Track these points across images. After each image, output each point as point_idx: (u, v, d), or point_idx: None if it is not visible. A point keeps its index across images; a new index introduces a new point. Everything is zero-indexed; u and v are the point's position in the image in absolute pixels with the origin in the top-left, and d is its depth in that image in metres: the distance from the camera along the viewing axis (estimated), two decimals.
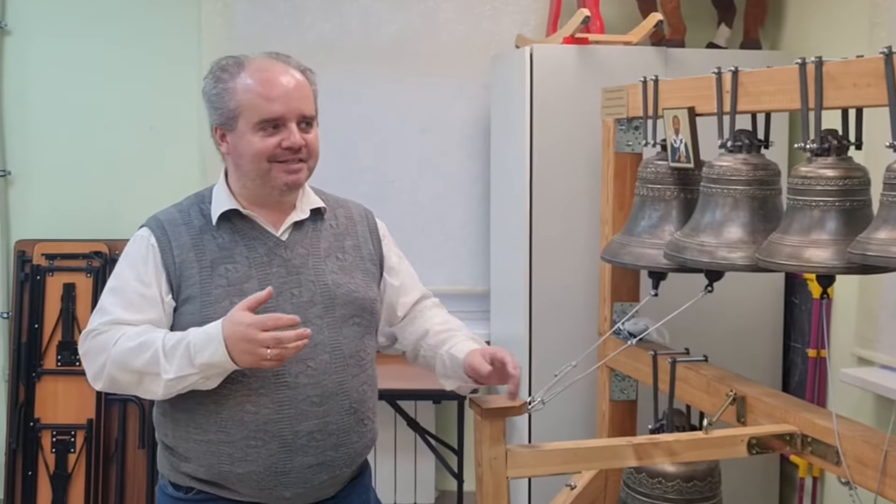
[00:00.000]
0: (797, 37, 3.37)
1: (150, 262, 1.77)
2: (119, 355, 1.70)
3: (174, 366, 1.67)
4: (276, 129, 1.75)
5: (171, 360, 1.67)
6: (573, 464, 1.87)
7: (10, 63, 3.61)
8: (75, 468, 3.48)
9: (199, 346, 1.66)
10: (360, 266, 1.88)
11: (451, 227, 3.71)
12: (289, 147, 1.75)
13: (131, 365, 1.69)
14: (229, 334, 1.64)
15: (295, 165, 1.77)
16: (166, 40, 3.62)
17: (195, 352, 1.66)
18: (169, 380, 1.67)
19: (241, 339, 1.63)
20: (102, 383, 1.75)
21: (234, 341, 1.63)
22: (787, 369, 3.31)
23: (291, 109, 1.75)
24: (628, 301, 2.71)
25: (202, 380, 1.68)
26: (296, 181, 1.78)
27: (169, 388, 1.69)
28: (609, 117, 2.70)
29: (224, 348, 1.64)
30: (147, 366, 1.68)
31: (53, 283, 3.53)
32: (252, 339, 1.62)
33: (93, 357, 1.75)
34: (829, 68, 1.81)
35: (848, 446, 1.79)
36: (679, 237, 2.19)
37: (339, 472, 1.82)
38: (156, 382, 1.69)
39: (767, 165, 2.11)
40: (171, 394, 1.71)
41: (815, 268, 1.81)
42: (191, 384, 1.69)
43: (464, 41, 3.64)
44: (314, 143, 1.80)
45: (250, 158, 1.76)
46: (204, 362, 1.66)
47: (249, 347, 1.62)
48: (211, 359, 1.65)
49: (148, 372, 1.69)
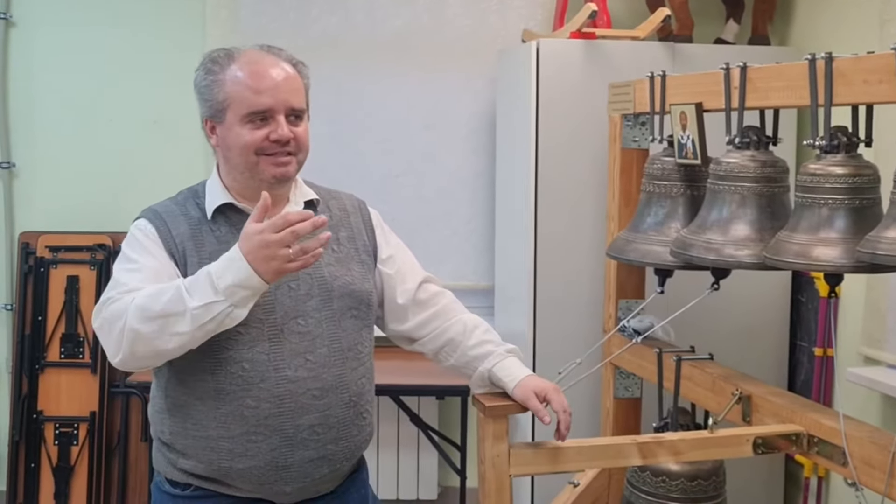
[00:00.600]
0: (806, 33, 3.34)
1: (157, 247, 1.74)
2: (138, 306, 1.61)
3: (197, 295, 1.59)
4: (265, 121, 1.73)
5: (193, 292, 1.59)
6: (577, 462, 1.86)
7: (15, 55, 3.60)
8: (78, 460, 3.48)
9: (220, 272, 1.59)
10: (356, 257, 1.86)
11: (455, 222, 3.69)
12: (277, 140, 1.72)
13: (152, 310, 1.60)
14: (247, 248, 1.58)
15: (283, 158, 1.74)
16: (171, 33, 3.61)
17: (217, 277, 1.58)
18: (195, 308, 1.58)
19: (259, 246, 1.56)
20: (123, 352, 1.64)
21: (254, 252, 1.56)
22: (792, 368, 3.30)
23: (280, 102, 1.73)
24: (633, 298, 2.69)
25: (229, 308, 1.59)
26: (284, 174, 1.75)
27: (196, 320, 1.59)
28: (616, 113, 2.68)
29: (246, 264, 1.57)
30: (169, 305, 1.59)
31: (57, 275, 3.52)
32: (269, 241, 1.56)
33: (111, 324, 1.65)
34: (839, 64, 1.79)
35: (855, 447, 1.78)
36: (685, 234, 2.18)
37: (340, 465, 1.80)
38: (181, 321, 1.59)
39: (775, 162, 2.10)
40: (199, 331, 1.60)
41: (824, 266, 1.79)
42: (217, 314, 1.59)
43: (470, 35, 3.62)
44: (303, 137, 1.77)
45: (238, 151, 1.75)
46: (228, 284, 1.58)
47: (269, 252, 1.56)
48: (235, 279, 1.58)
49: (171, 312, 1.59)
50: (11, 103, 3.61)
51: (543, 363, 3.00)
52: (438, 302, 1.94)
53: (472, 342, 1.88)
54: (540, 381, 1.81)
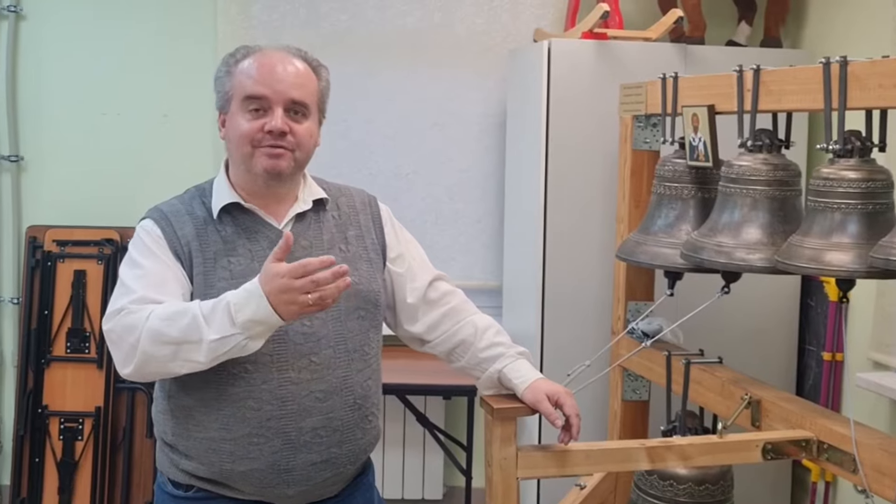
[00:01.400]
0: (818, 36, 3.32)
1: (162, 249, 1.73)
2: (153, 329, 1.61)
3: (215, 327, 1.59)
4: (262, 112, 1.71)
5: (211, 322, 1.59)
6: (585, 466, 1.85)
7: (25, 48, 3.60)
8: (82, 456, 3.48)
9: (239, 305, 1.58)
10: (364, 256, 1.84)
11: (464, 222, 3.68)
12: (270, 130, 1.70)
13: (168, 335, 1.61)
14: (269, 289, 1.57)
15: (277, 150, 1.71)
16: (182, 28, 3.61)
17: (236, 310, 1.58)
18: (212, 341, 1.59)
19: (280, 290, 1.56)
20: (133, 366, 1.64)
21: (275, 295, 1.57)
22: (801, 372, 3.28)
23: (278, 92, 1.71)
24: (642, 300, 2.68)
25: (245, 340, 1.60)
26: (274, 167, 1.72)
27: (212, 352, 1.60)
28: (627, 114, 2.66)
29: (267, 303, 1.57)
30: (186, 333, 1.60)
31: (64, 269, 3.52)
32: (289, 287, 1.56)
33: (122, 337, 1.65)
34: (854, 68, 1.77)
35: (865, 454, 1.76)
36: (696, 237, 2.16)
37: (343, 469, 1.78)
38: (196, 349, 1.60)
39: (788, 166, 2.08)
40: (213, 361, 1.62)
41: (836, 271, 1.77)
42: (233, 347, 1.60)
43: (481, 34, 3.60)
44: (302, 134, 1.74)
45: (236, 141, 1.74)
46: (246, 319, 1.58)
47: (289, 297, 1.56)
48: (254, 315, 1.58)
49: (187, 340, 1.60)
50: (20, 96, 3.61)
51: (551, 364, 2.99)
52: (449, 302, 1.91)
53: (482, 344, 1.86)
54: (551, 385, 1.79)
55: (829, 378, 3.07)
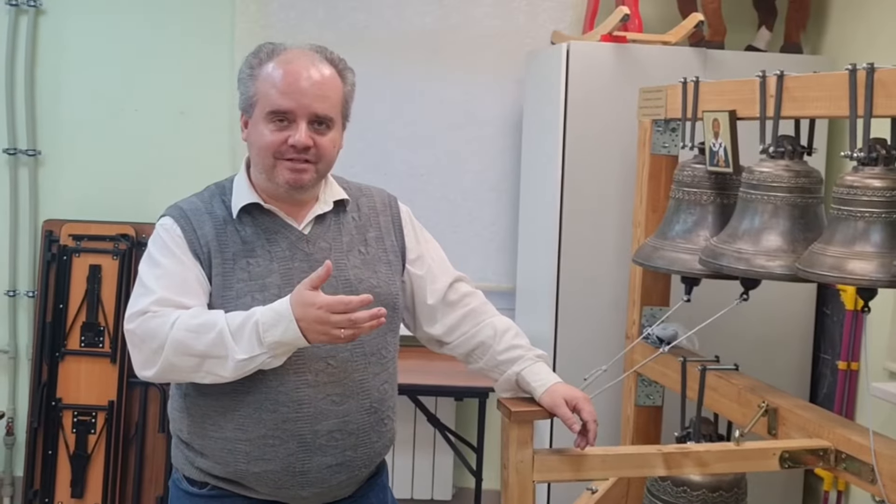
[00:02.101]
0: (838, 42, 3.31)
1: (181, 249, 1.73)
2: (178, 339, 1.62)
3: (243, 346, 1.60)
4: (286, 124, 1.70)
5: (239, 340, 1.60)
6: (601, 471, 1.84)
7: (44, 43, 3.61)
8: (95, 449, 3.49)
9: (267, 325, 1.59)
10: (383, 258, 1.84)
11: (478, 223, 3.68)
12: (293, 145, 1.69)
13: (193, 348, 1.62)
14: (301, 315, 1.58)
15: (300, 165, 1.71)
16: (200, 25, 3.61)
17: (264, 331, 1.59)
18: (240, 360, 1.61)
19: (315, 321, 1.58)
20: (154, 372, 1.66)
21: (308, 323, 1.58)
22: (815, 380, 3.26)
23: (302, 106, 1.69)
24: (658, 305, 2.67)
25: (269, 359, 1.62)
26: (297, 181, 1.72)
27: (237, 370, 1.62)
28: (646, 118, 2.65)
29: (296, 327, 1.58)
30: (211, 348, 1.61)
31: (80, 263, 3.53)
32: (325, 321, 1.57)
33: (144, 341, 1.66)
34: (880, 75, 1.76)
35: (885, 465, 1.75)
36: (715, 243, 2.15)
37: (358, 472, 1.78)
38: (221, 365, 1.62)
39: (810, 173, 2.07)
40: (239, 375, 1.64)
41: (859, 280, 1.76)
42: (258, 364, 1.62)
43: (499, 36, 3.60)
44: (326, 147, 1.73)
45: (258, 150, 1.73)
46: (275, 341, 1.60)
47: (323, 329, 1.58)
48: (283, 337, 1.59)
49: (212, 355, 1.61)
50: (39, 91, 3.62)
51: (564, 367, 2.98)
52: (469, 304, 1.91)
53: (501, 346, 1.86)
54: (570, 389, 1.78)
55: (844, 387, 3.05)
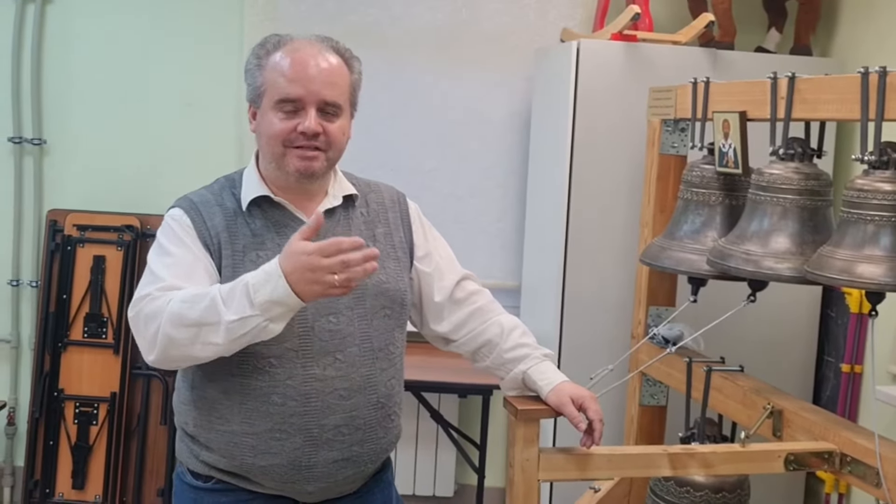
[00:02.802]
0: (848, 44, 3.30)
1: (191, 238, 1.72)
2: (174, 311, 1.59)
3: (233, 308, 1.55)
4: (295, 112, 1.69)
5: (229, 303, 1.56)
6: (606, 470, 1.84)
7: (51, 32, 3.61)
8: (97, 440, 3.49)
9: (257, 285, 1.55)
10: (392, 255, 1.83)
11: (485, 220, 3.67)
12: (303, 132, 1.69)
13: (188, 317, 1.58)
14: (290, 267, 1.53)
15: (310, 153, 1.70)
16: (208, 16, 3.60)
17: (254, 291, 1.55)
18: (230, 322, 1.55)
19: (305, 268, 1.52)
20: (157, 351, 1.62)
21: (298, 273, 1.52)
22: (818, 383, 3.26)
23: (311, 93, 1.69)
24: (664, 305, 2.67)
25: (265, 322, 1.56)
26: (307, 168, 1.71)
27: (230, 333, 1.57)
28: (655, 117, 2.65)
29: (285, 282, 1.53)
30: (205, 315, 1.57)
31: (84, 254, 3.53)
32: (317, 266, 1.52)
33: (146, 322, 1.63)
34: (893, 79, 1.76)
35: (890, 469, 1.75)
36: (724, 244, 2.15)
37: (364, 467, 1.78)
38: (215, 331, 1.57)
39: (819, 175, 2.07)
40: (233, 344, 1.59)
41: (868, 284, 1.76)
42: (252, 329, 1.56)
43: (508, 33, 3.59)
44: (335, 134, 1.72)
45: (267, 139, 1.72)
46: (265, 300, 1.54)
47: (314, 276, 1.52)
48: (272, 295, 1.54)
49: (206, 322, 1.57)
50: (45, 81, 3.62)
51: (569, 365, 2.96)
52: (475, 301, 1.91)
53: (508, 344, 1.86)
54: (577, 388, 1.78)
55: (847, 390, 3.05)
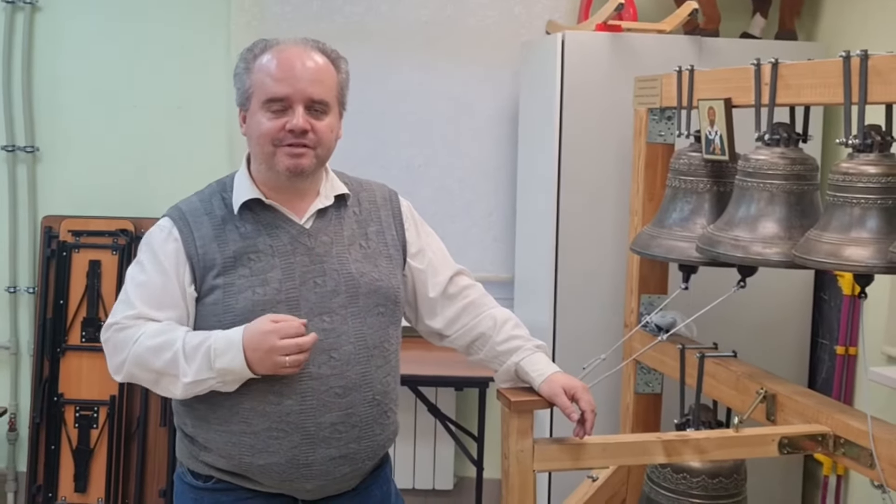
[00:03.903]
0: (833, 29, 3.31)
1: (173, 255, 1.75)
2: (139, 354, 1.70)
3: (193, 369, 1.67)
4: (283, 111, 1.71)
5: (190, 362, 1.67)
6: (601, 459, 1.86)
7: (41, 39, 3.61)
8: (97, 444, 3.50)
9: (219, 351, 1.66)
10: (384, 253, 1.85)
11: (476, 214, 3.68)
12: (291, 129, 1.71)
13: (151, 365, 1.70)
14: (248, 342, 1.65)
15: (298, 150, 1.72)
16: (196, 19, 3.61)
17: (215, 356, 1.66)
18: (187, 383, 1.68)
19: (259, 346, 1.64)
20: (122, 378, 1.76)
21: (253, 349, 1.64)
22: (813, 366, 3.28)
23: (298, 91, 1.71)
24: (656, 293, 2.68)
25: (219, 384, 1.69)
26: (297, 166, 1.73)
27: (186, 391, 1.70)
28: (642, 106, 2.66)
29: (242, 357, 1.65)
30: (166, 367, 1.69)
31: (79, 259, 3.54)
32: (271, 346, 1.63)
33: (114, 351, 1.75)
34: (875, 62, 1.76)
35: (883, 449, 1.76)
36: (712, 231, 2.16)
37: (362, 464, 1.79)
38: (174, 384, 1.69)
39: (805, 160, 2.08)
40: (189, 395, 1.71)
41: (855, 267, 1.77)
42: (208, 387, 1.69)
43: (494, 26, 3.60)
44: (323, 131, 1.74)
45: (257, 140, 1.74)
46: (223, 367, 1.66)
47: (266, 356, 1.64)
48: (230, 364, 1.66)
49: (167, 373, 1.69)
50: (36, 87, 3.62)
51: (563, 356, 2.99)
52: (468, 296, 1.92)
53: (500, 337, 1.87)
54: (569, 379, 1.80)
55: (842, 372, 3.06)
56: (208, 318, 1.73)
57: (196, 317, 1.75)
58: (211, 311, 1.73)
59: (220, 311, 1.72)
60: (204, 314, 1.74)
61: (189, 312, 1.75)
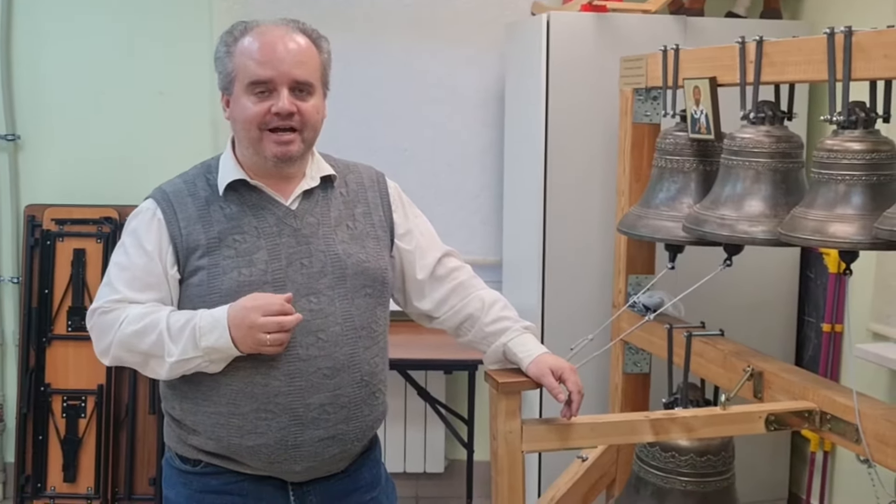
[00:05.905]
0: (818, 7, 3.31)
1: (156, 236, 1.74)
2: (124, 337, 1.70)
3: (179, 348, 1.67)
4: (268, 94, 1.70)
5: (176, 342, 1.67)
6: (589, 439, 1.86)
7: (20, 26, 3.56)
8: (86, 433, 3.49)
9: (204, 330, 1.66)
10: (371, 234, 1.84)
11: (463, 197, 3.68)
12: (277, 112, 1.69)
13: (137, 347, 1.70)
14: (233, 320, 1.65)
15: (286, 136, 1.71)
16: (177, 3, 3.57)
17: (200, 335, 1.66)
18: (173, 362, 1.68)
19: (241, 322, 1.64)
20: (109, 361, 1.75)
21: (236, 325, 1.64)
22: (800, 343, 3.30)
23: (282, 73, 1.69)
24: (643, 273, 2.69)
25: (206, 363, 1.68)
26: (285, 153, 1.72)
27: (172, 371, 1.70)
28: (627, 87, 2.65)
29: (228, 336, 1.65)
30: (152, 348, 1.69)
31: (63, 248, 3.52)
32: (252, 323, 1.63)
33: (99, 336, 1.75)
34: (858, 39, 1.76)
35: (868, 424, 1.77)
36: (698, 210, 2.16)
37: (351, 445, 1.79)
38: (160, 364, 1.69)
39: (790, 138, 2.08)
40: (175, 375, 1.71)
41: (840, 243, 1.78)
42: (195, 367, 1.69)
43: (479, 8, 3.58)
44: (309, 113, 1.73)
45: (242, 124, 1.73)
46: (208, 346, 1.66)
47: (249, 332, 1.64)
48: (216, 343, 1.65)
49: (153, 354, 1.69)
50: (16, 75, 3.58)
51: (552, 338, 3.00)
52: (457, 278, 1.92)
53: (488, 318, 1.87)
54: (556, 359, 1.80)
55: (829, 349, 3.08)
56: (193, 300, 1.72)
57: (181, 298, 1.74)
58: (196, 293, 1.72)
59: (204, 292, 1.71)
60: (189, 295, 1.73)
61: (172, 294, 1.75)
